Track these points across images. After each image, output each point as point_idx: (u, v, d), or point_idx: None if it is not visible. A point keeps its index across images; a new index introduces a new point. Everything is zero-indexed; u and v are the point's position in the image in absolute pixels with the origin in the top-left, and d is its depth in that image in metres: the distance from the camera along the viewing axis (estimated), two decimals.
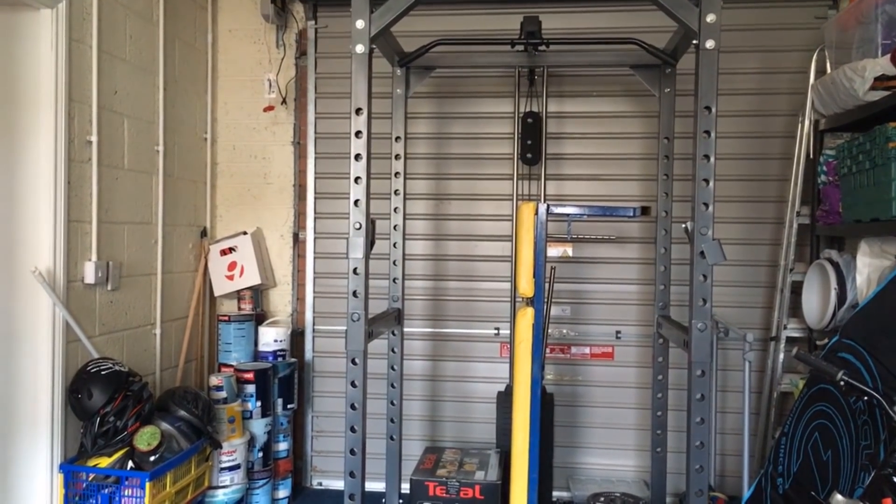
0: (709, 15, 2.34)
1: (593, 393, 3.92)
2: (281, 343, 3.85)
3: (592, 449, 3.94)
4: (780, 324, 3.53)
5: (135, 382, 2.95)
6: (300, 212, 4.15)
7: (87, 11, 3.02)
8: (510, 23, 3.17)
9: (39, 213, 2.84)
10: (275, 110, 4.09)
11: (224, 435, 3.37)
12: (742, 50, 3.76)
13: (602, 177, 3.91)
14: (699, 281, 2.41)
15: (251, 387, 3.58)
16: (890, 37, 2.77)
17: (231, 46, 4.15)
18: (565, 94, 3.92)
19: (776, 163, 3.77)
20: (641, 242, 3.87)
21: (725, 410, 3.75)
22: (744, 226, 3.81)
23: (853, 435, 2.28)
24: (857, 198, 2.89)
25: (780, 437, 2.75)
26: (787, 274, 3.52)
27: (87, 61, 3.02)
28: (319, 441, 4.14)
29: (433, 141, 3.97)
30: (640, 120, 3.86)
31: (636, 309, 3.90)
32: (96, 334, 3.10)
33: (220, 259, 3.99)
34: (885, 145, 2.58)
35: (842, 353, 2.47)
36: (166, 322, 3.65)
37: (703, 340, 2.41)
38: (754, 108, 3.80)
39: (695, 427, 2.44)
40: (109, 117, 3.18)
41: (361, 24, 2.47)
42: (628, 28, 3.63)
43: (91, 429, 2.83)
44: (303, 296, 4.14)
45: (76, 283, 2.98)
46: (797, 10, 3.76)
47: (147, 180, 3.51)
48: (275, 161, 4.16)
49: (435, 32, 3.58)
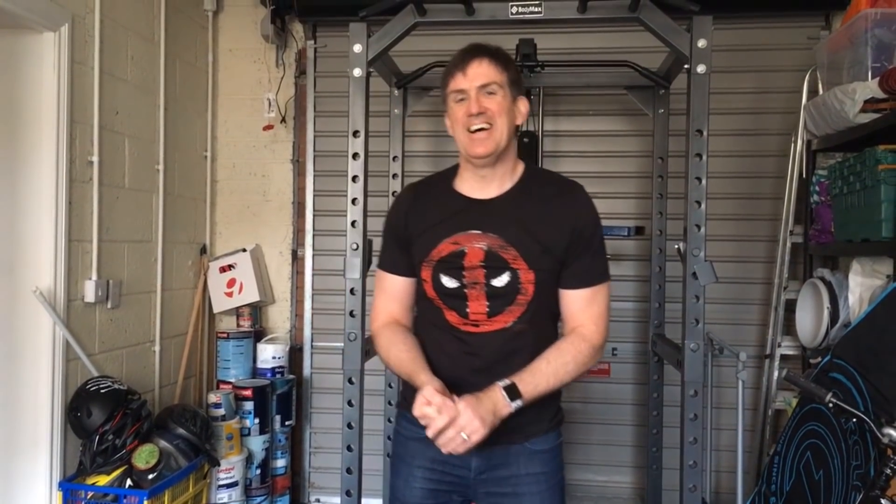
0: (700, 40, 2.37)
1: (590, 410, 3.94)
2: (279, 359, 3.88)
3: (589, 466, 3.95)
4: (775, 342, 3.56)
5: (134, 400, 2.98)
6: (299, 229, 4.18)
7: (90, 34, 3.07)
8: (507, 43, 3.19)
9: (41, 233, 2.88)
10: (274, 129, 4.14)
11: (222, 452, 3.39)
12: (736, 70, 3.80)
13: (598, 195, 3.84)
14: (692, 301, 2.44)
15: (249, 404, 3.61)
16: (879, 60, 2.82)
17: (231, 65, 4.20)
18: (561, 112, 3.97)
19: (770, 181, 3.81)
20: (637, 260, 3.90)
21: (720, 427, 3.76)
22: (738, 243, 3.84)
23: (844, 455, 2.30)
24: (848, 218, 2.92)
25: (774, 456, 2.77)
26: (780, 292, 3.55)
27: (88, 82, 3.07)
28: (317, 457, 4.16)
29: (431, 159, 4.00)
30: (636, 139, 3.90)
31: (633, 326, 3.92)
32: (96, 352, 3.13)
33: (220, 276, 4.02)
34: (875, 167, 2.62)
35: (833, 372, 2.50)
36: (166, 339, 3.68)
37: (696, 360, 2.44)
38: (748, 127, 3.84)
39: (688, 446, 2.46)
40: (110, 137, 3.22)
41: (359, 48, 2.51)
42: (624, 48, 3.67)
43: (90, 447, 2.85)
44: (301, 312, 4.17)
45: (76, 301, 3.01)
46: (790, 31, 3.81)
47: (147, 199, 3.55)
48: (274, 179, 4.20)
49: (433, 52, 3.61)
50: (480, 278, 1.81)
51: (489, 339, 1.82)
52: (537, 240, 1.81)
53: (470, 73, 1.82)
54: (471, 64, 1.83)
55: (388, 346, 1.90)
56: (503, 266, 1.80)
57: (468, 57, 1.84)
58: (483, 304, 1.82)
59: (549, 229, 1.82)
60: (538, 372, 1.75)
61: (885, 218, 2.59)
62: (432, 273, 1.86)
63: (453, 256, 1.83)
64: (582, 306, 1.85)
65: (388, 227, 2.01)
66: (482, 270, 1.81)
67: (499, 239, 1.81)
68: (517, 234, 1.82)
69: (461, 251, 1.83)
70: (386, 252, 2.00)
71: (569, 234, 1.82)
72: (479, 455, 1.83)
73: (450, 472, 1.88)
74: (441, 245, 1.85)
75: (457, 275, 1.83)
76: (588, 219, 1.86)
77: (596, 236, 1.88)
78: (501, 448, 1.83)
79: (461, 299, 1.84)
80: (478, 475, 1.87)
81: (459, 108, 1.86)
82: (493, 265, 1.81)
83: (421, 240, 1.89)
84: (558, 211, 1.85)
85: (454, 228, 1.85)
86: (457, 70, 1.84)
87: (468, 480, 1.88)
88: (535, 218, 1.84)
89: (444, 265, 1.85)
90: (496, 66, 1.83)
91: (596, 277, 1.86)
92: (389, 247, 1.99)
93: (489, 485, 1.87)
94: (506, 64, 1.86)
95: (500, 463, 1.85)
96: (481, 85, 1.82)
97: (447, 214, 1.88)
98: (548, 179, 1.99)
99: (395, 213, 2.00)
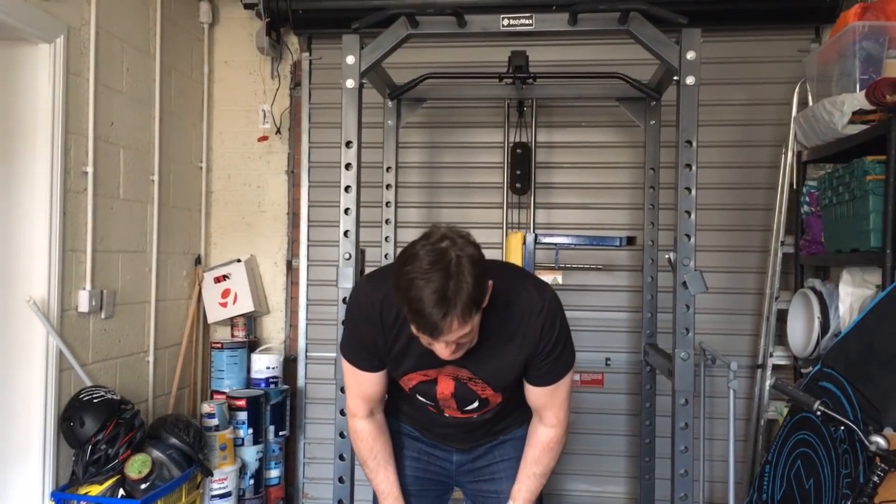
0: (689, 52, 2.41)
1: (583, 420, 3.95)
2: (273, 370, 3.88)
3: (582, 476, 3.95)
4: (767, 351, 3.57)
5: (127, 410, 2.98)
6: (294, 239, 4.20)
7: (85, 45, 3.09)
8: (500, 54, 3.24)
9: (35, 244, 2.88)
10: (269, 140, 4.16)
11: (215, 462, 3.39)
12: (727, 82, 3.84)
13: (591, 205, 3.97)
14: (682, 311, 2.46)
15: (243, 414, 3.61)
16: (867, 72, 2.84)
17: (227, 77, 4.23)
18: (555, 124, 3.99)
19: (762, 192, 3.83)
20: (630, 270, 3.92)
21: (713, 437, 3.77)
22: (730, 254, 3.87)
23: (834, 463, 2.31)
24: (837, 228, 2.95)
25: (765, 465, 2.78)
26: (772, 302, 3.57)
27: (83, 94, 3.08)
28: (311, 468, 4.16)
29: (425, 170, 4.03)
30: (628, 149, 3.93)
31: (626, 336, 3.94)
32: (89, 362, 3.13)
33: (214, 286, 4.03)
34: (863, 178, 2.64)
35: (823, 381, 2.51)
36: (160, 349, 3.68)
37: (687, 370, 2.46)
38: (739, 138, 3.87)
39: (679, 455, 2.48)
40: (105, 148, 3.24)
41: (352, 60, 2.53)
42: (616, 60, 3.70)
43: (83, 457, 2.85)
44: (296, 322, 4.18)
45: (70, 311, 3.02)
46: (780, 44, 3.84)
47: (142, 209, 3.56)
48: (269, 189, 4.22)
49: (426, 63, 3.65)
50: (453, 405, 2.00)
51: (463, 419, 2.07)
52: (502, 368, 1.90)
53: (442, 339, 1.68)
54: (442, 334, 1.65)
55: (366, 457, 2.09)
56: (473, 397, 1.97)
57: (438, 327, 1.62)
58: (457, 411, 2.03)
59: (511, 359, 1.89)
60: (531, 486, 2.05)
61: (874, 228, 2.61)
62: (408, 388, 2.01)
63: (424, 385, 1.96)
64: (546, 400, 1.99)
65: (356, 338, 1.95)
66: (454, 400, 1.98)
67: (467, 371, 1.90)
68: (483, 367, 1.89)
69: (433, 381, 1.95)
70: (356, 353, 1.97)
71: (532, 357, 1.89)
72: (460, 452, 2.19)
73: (434, 463, 2.20)
74: (412, 375, 1.95)
75: (431, 399, 2.00)
76: (548, 340, 1.86)
77: (557, 345, 1.89)
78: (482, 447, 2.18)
79: (436, 407, 2.04)
80: (459, 467, 2.21)
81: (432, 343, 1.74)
82: (463, 396, 1.96)
83: (392, 364, 1.95)
84: (520, 341, 1.86)
85: (423, 364, 1.90)
86: (425, 334, 1.67)
87: (451, 472, 2.21)
88: (499, 352, 1.87)
89: (416, 390, 2.00)
90: (465, 319, 1.64)
91: (558, 376, 1.95)
92: (359, 351, 1.96)
93: (470, 475, 2.21)
94: (471, 308, 1.64)
95: (479, 455, 2.18)
96: (455, 340, 1.70)
97: (416, 350, 1.85)
98: (508, 313, 1.87)
99: (364, 331, 1.91)
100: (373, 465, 2.08)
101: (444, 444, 2.19)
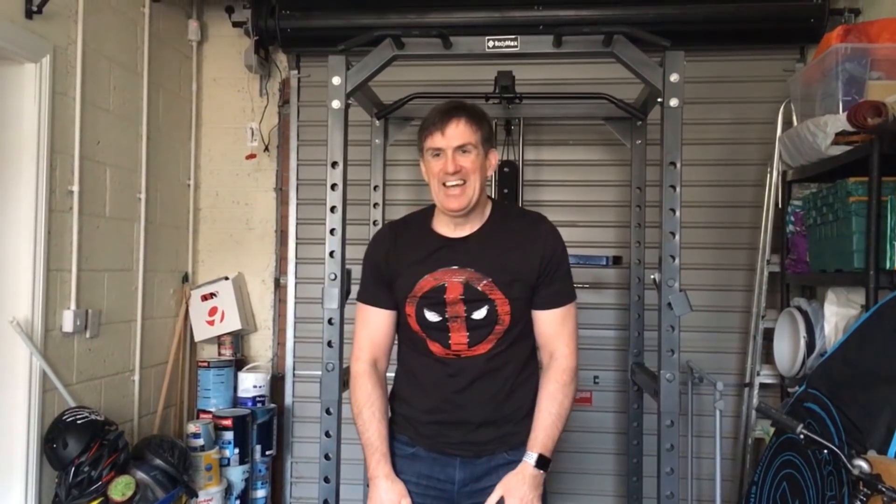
0: (672, 74, 2.41)
1: (572, 439, 3.93)
2: (260, 388, 3.86)
3: (570, 495, 3.94)
4: (754, 370, 3.58)
5: (111, 431, 2.96)
6: (282, 257, 4.19)
7: (72, 65, 3.09)
8: (488, 72, 3.25)
9: (19, 263, 2.87)
10: (258, 157, 4.16)
11: (200, 483, 3.36)
12: (713, 101, 3.87)
13: (578, 223, 3.97)
14: (667, 332, 2.46)
15: (229, 433, 3.58)
16: (850, 93, 2.86)
17: (215, 95, 4.23)
18: (542, 142, 4.01)
19: (748, 210, 3.85)
20: (617, 288, 3.93)
21: (701, 456, 3.76)
22: (717, 272, 3.88)
23: (819, 485, 2.31)
24: (822, 248, 2.96)
25: (751, 486, 2.78)
26: (758, 321, 3.58)
27: (70, 113, 3.08)
28: (298, 487, 4.13)
29: (412, 188, 4.03)
30: (615, 168, 3.94)
31: (614, 354, 3.94)
32: (74, 382, 3.11)
33: (201, 304, 4.01)
34: (846, 199, 2.66)
35: (808, 402, 2.51)
36: (145, 368, 3.66)
37: (672, 390, 2.45)
38: (725, 157, 3.89)
39: (664, 477, 2.47)
40: (92, 167, 3.23)
41: (338, 81, 2.53)
42: (602, 79, 3.71)
43: (66, 479, 2.82)
44: (283, 341, 4.16)
45: (54, 331, 3.00)
46: (766, 63, 3.88)
47: (129, 227, 3.55)
48: (257, 207, 4.21)
49: (414, 82, 3.66)
50: (461, 312, 1.99)
51: (470, 362, 2.02)
52: (509, 269, 2.00)
53: (447, 134, 1.95)
54: (448, 125, 1.95)
55: (362, 404, 2.06)
56: (481, 298, 1.98)
57: (446, 118, 1.96)
58: (464, 336, 2.01)
59: (519, 259, 2.02)
60: (548, 427, 2.00)
61: (857, 249, 2.63)
62: (416, 308, 2.03)
63: (435, 291, 2.00)
64: (557, 327, 2.05)
65: (369, 264, 2.14)
66: (462, 305, 1.99)
67: (475, 272, 2.00)
68: (490, 265, 2.00)
69: (442, 286, 2.00)
70: (367, 287, 2.14)
71: (538, 263, 2.01)
72: (463, 469, 2.05)
73: (434, 487, 2.07)
74: (423, 281, 2.02)
75: (439, 309, 2.01)
76: (554, 247, 2.06)
77: (563, 262, 2.08)
78: (484, 461, 2.04)
79: (443, 331, 2.02)
80: (461, 488, 2.06)
81: (436, 164, 2.00)
82: (472, 298, 1.99)
83: (403, 277, 2.05)
84: (527, 243, 2.04)
85: (434, 265, 2.02)
86: (434, 129, 1.97)
87: (452, 495, 2.07)
88: (505, 250, 2.02)
89: (426, 300, 2.01)
90: (472, 126, 1.97)
91: (565, 298, 2.07)
92: (370, 282, 2.13)
93: (473, 496, 2.05)
94: (480, 123, 2.00)
95: (483, 474, 2.04)
96: (458, 145, 1.96)
97: (426, 252, 2.05)
98: (514, 214, 2.21)
99: (375, 251, 2.15)
100: (367, 414, 2.05)
101: (447, 452, 2.06)
